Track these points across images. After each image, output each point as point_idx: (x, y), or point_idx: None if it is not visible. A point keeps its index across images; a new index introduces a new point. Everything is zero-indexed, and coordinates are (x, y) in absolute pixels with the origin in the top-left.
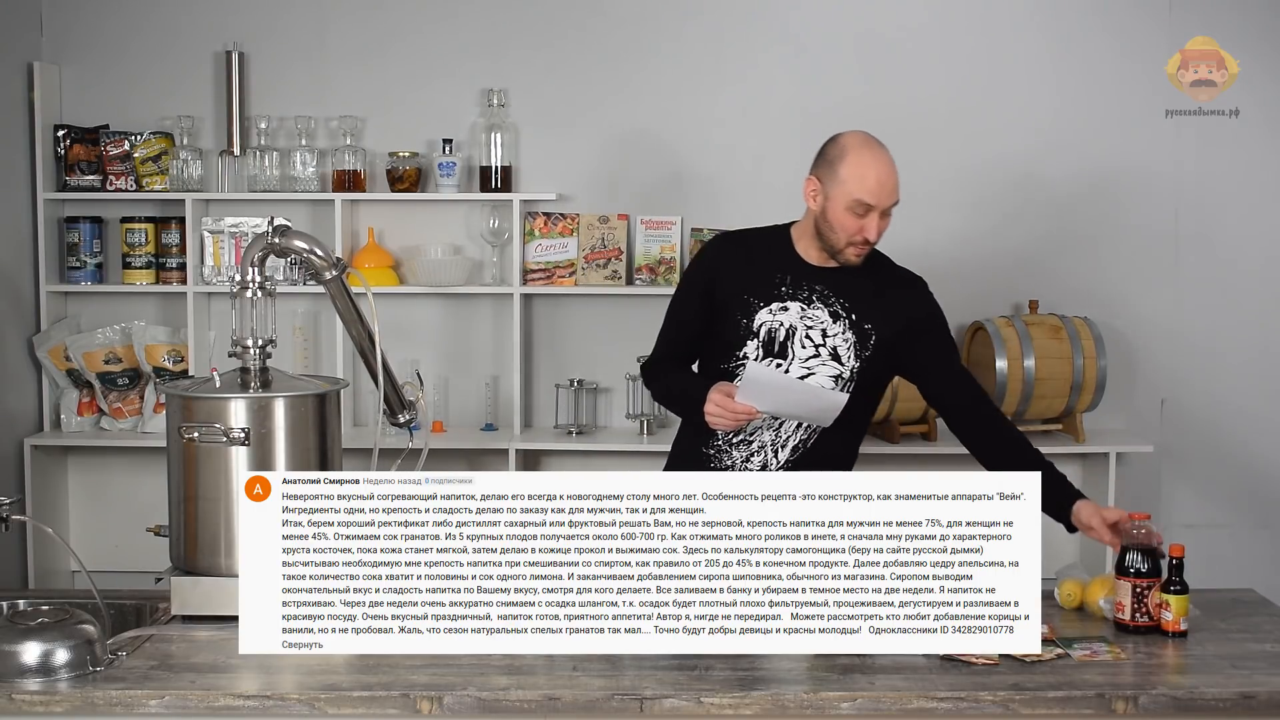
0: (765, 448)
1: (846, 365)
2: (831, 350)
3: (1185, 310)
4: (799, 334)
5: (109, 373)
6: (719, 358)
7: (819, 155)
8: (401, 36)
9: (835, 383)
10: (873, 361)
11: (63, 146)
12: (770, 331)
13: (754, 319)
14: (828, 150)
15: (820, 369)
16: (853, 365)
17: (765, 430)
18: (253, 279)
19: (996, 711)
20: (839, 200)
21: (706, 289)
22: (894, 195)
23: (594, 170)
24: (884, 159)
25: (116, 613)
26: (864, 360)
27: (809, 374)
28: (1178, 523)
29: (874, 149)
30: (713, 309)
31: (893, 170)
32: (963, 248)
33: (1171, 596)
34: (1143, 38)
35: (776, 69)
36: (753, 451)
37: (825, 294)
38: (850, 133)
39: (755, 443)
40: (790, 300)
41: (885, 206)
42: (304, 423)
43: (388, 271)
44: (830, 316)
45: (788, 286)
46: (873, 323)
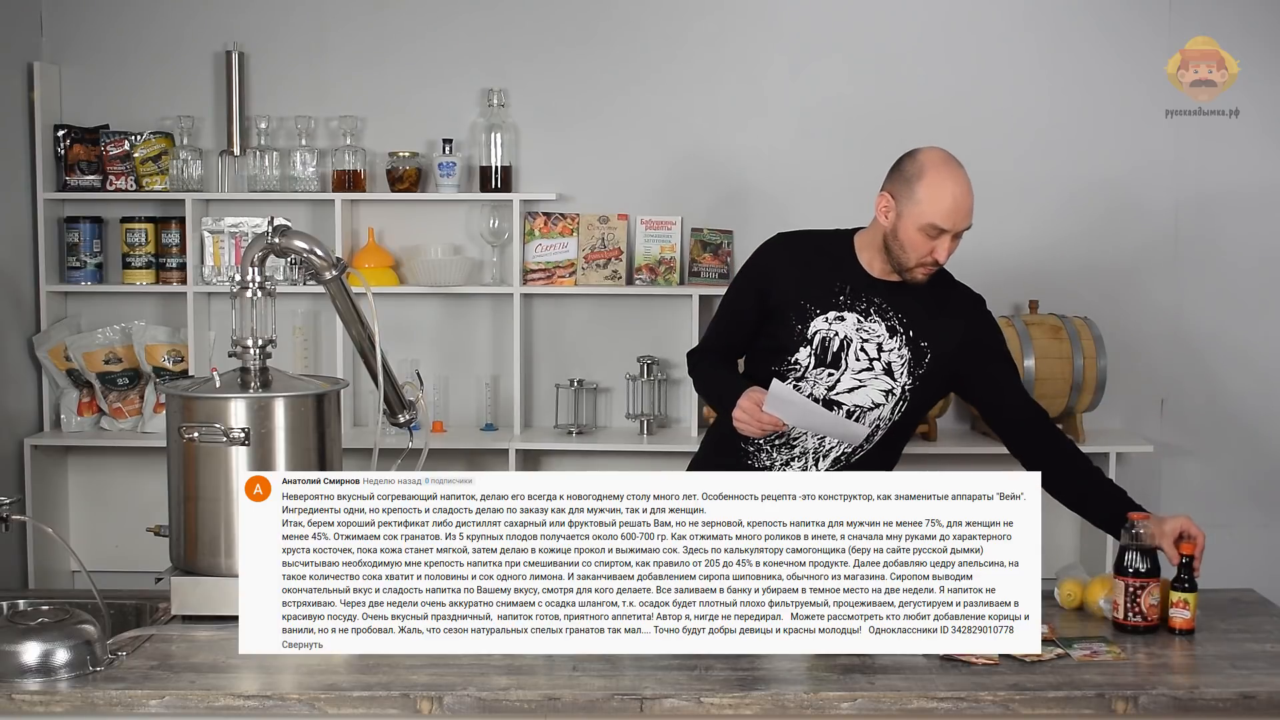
0: (807, 454)
1: (899, 381)
2: (885, 365)
3: (1185, 310)
4: (854, 346)
5: (109, 373)
6: (770, 359)
7: (894, 170)
8: (402, 36)
9: (886, 397)
10: (926, 380)
11: (63, 146)
12: (824, 340)
13: (809, 326)
14: (905, 167)
15: (872, 382)
16: (904, 383)
17: (809, 437)
18: (253, 279)
19: (996, 711)
20: (912, 220)
21: (762, 289)
22: (969, 219)
23: (594, 170)
24: (963, 181)
25: (116, 613)
26: (917, 378)
27: (859, 386)
28: None
29: (953, 170)
30: (767, 310)
31: (970, 193)
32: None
33: (1185, 594)
34: (1142, 38)
35: (777, 69)
36: (794, 456)
37: (884, 308)
38: (929, 150)
39: (798, 448)
40: (848, 311)
41: (959, 230)
42: (304, 423)
43: (388, 271)
44: (887, 331)
45: (846, 296)
46: (929, 340)
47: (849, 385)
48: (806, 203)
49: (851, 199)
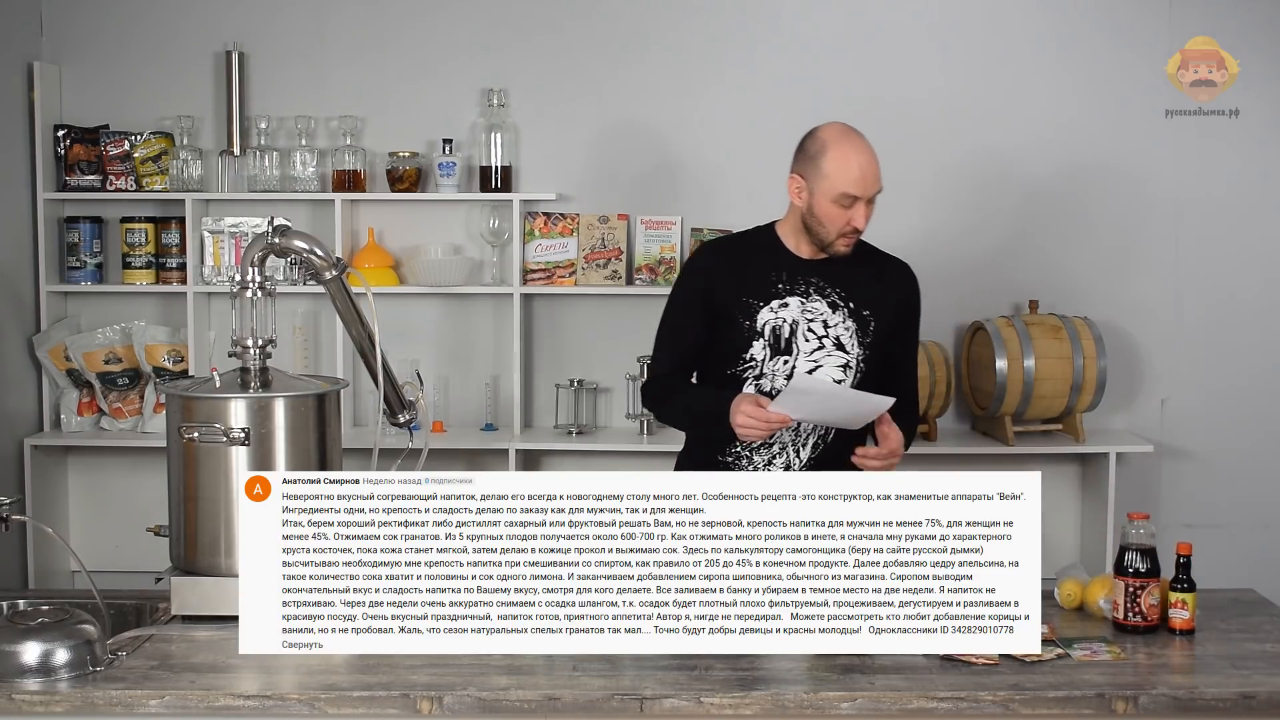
0: (787, 448)
1: (851, 354)
2: (835, 340)
3: (1185, 310)
4: (801, 328)
5: (109, 373)
6: (725, 363)
7: (799, 152)
8: (401, 36)
9: (844, 372)
10: (874, 348)
11: (63, 146)
12: (775, 329)
13: (757, 319)
14: (807, 146)
15: (827, 360)
16: (857, 354)
17: (784, 431)
18: (253, 279)
19: (996, 711)
20: (824, 194)
21: (704, 298)
22: (878, 183)
23: (594, 170)
24: (864, 148)
25: (116, 613)
26: (866, 347)
27: (816, 367)
28: (1178, 523)
29: (854, 139)
30: (713, 317)
31: (874, 158)
32: (963, 247)
33: (1183, 594)
34: (1143, 38)
35: (777, 68)
36: (774, 454)
37: (821, 286)
38: (828, 125)
39: (776, 444)
40: (789, 296)
41: (870, 195)
42: (304, 423)
43: (388, 271)
44: (829, 307)
45: (784, 283)
46: (871, 309)
47: (806, 368)
48: None
49: None
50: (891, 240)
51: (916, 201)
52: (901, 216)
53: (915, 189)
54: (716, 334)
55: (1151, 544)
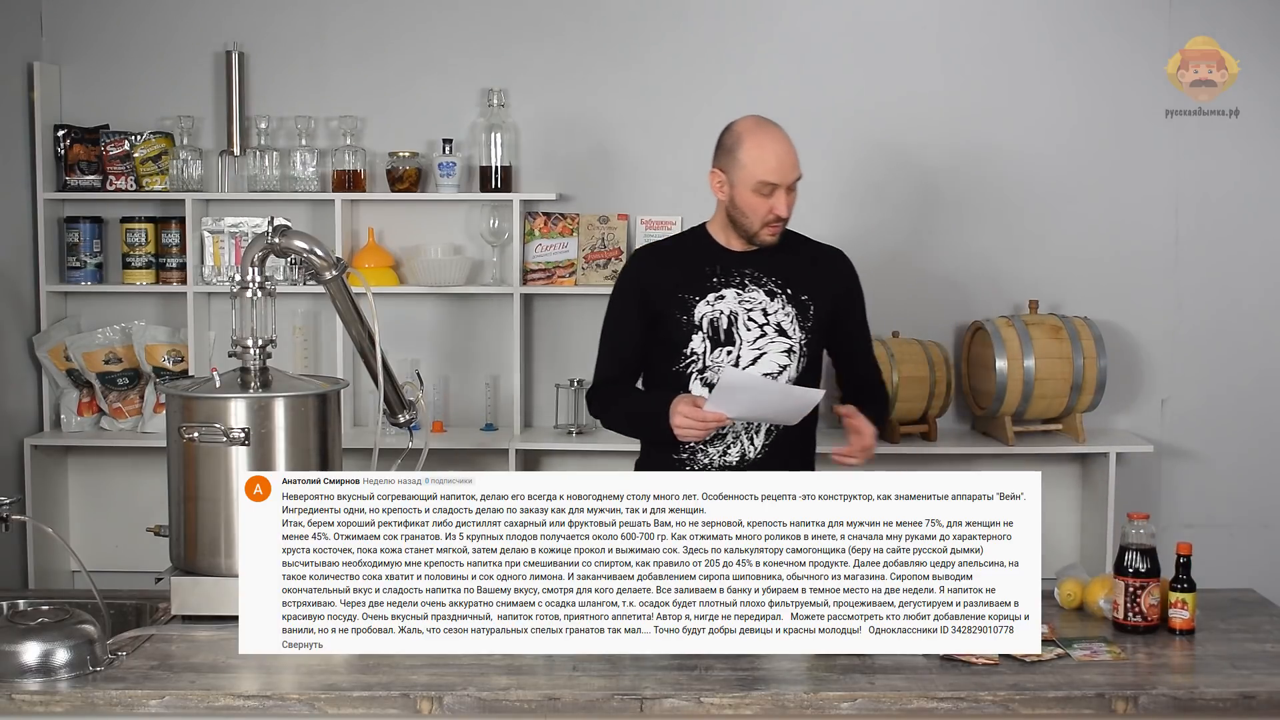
0: (740, 437)
1: (794, 338)
2: (777, 326)
3: (1185, 310)
4: (741, 318)
5: (109, 373)
6: (668, 361)
7: (717, 146)
8: (401, 36)
9: (788, 357)
10: (815, 331)
11: (63, 146)
12: (713, 321)
13: (694, 313)
14: (724, 140)
15: (770, 347)
16: (800, 338)
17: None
18: (253, 279)
19: (996, 711)
20: (744, 185)
21: (641, 299)
22: (795, 170)
23: (594, 170)
24: (779, 137)
25: (116, 613)
26: (808, 331)
27: (761, 354)
28: (1178, 523)
29: (768, 129)
30: (652, 316)
31: (790, 147)
32: (963, 247)
33: (1183, 594)
34: (1143, 38)
35: (777, 69)
36: (728, 445)
37: (757, 276)
38: (743, 118)
39: (729, 434)
40: (725, 288)
41: (789, 182)
42: (304, 423)
43: (388, 271)
44: (767, 295)
45: (719, 276)
46: (809, 293)
47: (750, 357)
48: (806, 203)
49: (851, 199)
50: (891, 240)
51: (916, 201)
52: (902, 216)
53: (915, 189)
54: (656, 334)
55: (1151, 544)
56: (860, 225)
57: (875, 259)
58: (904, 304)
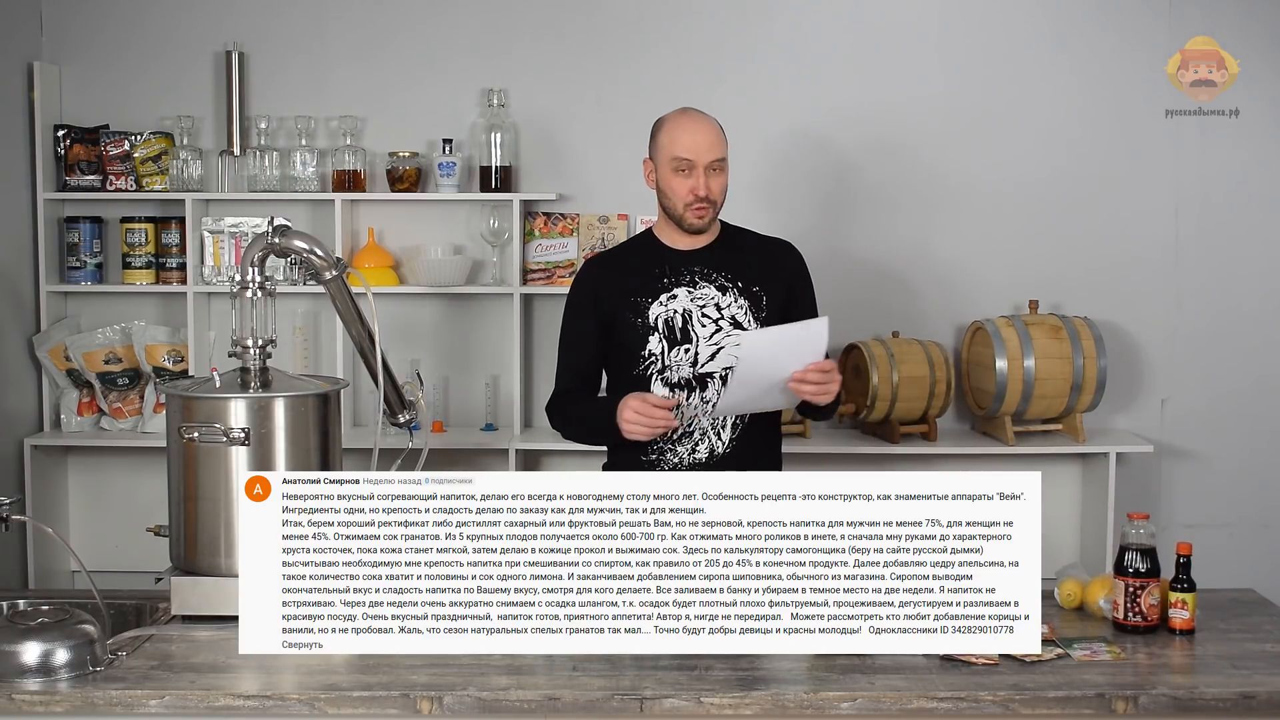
0: (707, 433)
1: (750, 330)
2: (731, 319)
3: (1185, 310)
4: (695, 315)
5: (109, 373)
6: (628, 365)
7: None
8: (401, 36)
9: None
10: (770, 321)
11: (63, 146)
12: (668, 321)
13: (649, 315)
14: (652, 130)
15: (727, 341)
16: (755, 329)
17: (701, 417)
18: (253, 279)
19: (996, 711)
20: (664, 165)
21: (594, 308)
22: (713, 150)
23: (594, 170)
24: (699, 117)
25: (116, 613)
26: (763, 322)
27: (719, 349)
28: (1178, 523)
29: (688, 112)
30: (607, 324)
31: (708, 126)
32: (963, 248)
33: (1183, 594)
34: (1143, 38)
35: (776, 69)
36: (696, 442)
37: (706, 272)
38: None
39: (696, 431)
40: (676, 287)
41: (706, 161)
42: (304, 423)
43: (388, 271)
44: (719, 290)
45: (669, 276)
46: (760, 285)
47: (709, 353)
48: (806, 203)
49: (850, 199)
50: (891, 240)
51: (916, 201)
52: (901, 216)
53: (915, 189)
54: (613, 340)
55: (1151, 544)
56: (860, 225)
57: (875, 259)
58: (904, 304)
